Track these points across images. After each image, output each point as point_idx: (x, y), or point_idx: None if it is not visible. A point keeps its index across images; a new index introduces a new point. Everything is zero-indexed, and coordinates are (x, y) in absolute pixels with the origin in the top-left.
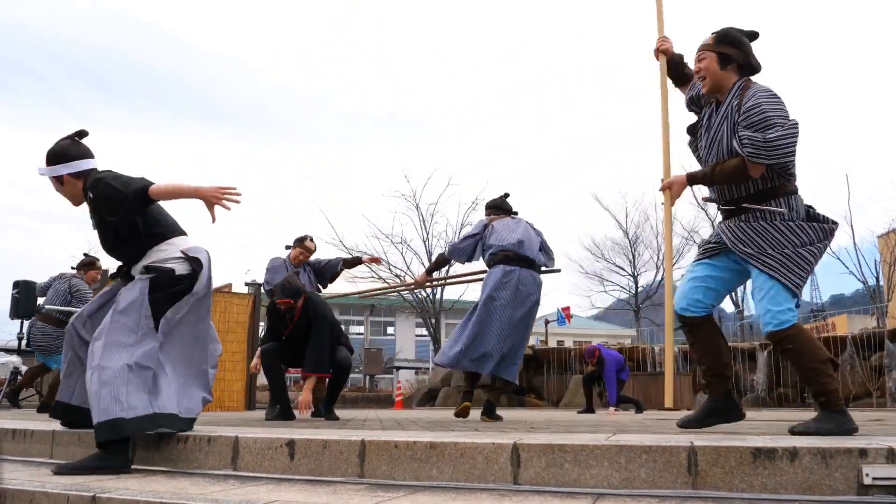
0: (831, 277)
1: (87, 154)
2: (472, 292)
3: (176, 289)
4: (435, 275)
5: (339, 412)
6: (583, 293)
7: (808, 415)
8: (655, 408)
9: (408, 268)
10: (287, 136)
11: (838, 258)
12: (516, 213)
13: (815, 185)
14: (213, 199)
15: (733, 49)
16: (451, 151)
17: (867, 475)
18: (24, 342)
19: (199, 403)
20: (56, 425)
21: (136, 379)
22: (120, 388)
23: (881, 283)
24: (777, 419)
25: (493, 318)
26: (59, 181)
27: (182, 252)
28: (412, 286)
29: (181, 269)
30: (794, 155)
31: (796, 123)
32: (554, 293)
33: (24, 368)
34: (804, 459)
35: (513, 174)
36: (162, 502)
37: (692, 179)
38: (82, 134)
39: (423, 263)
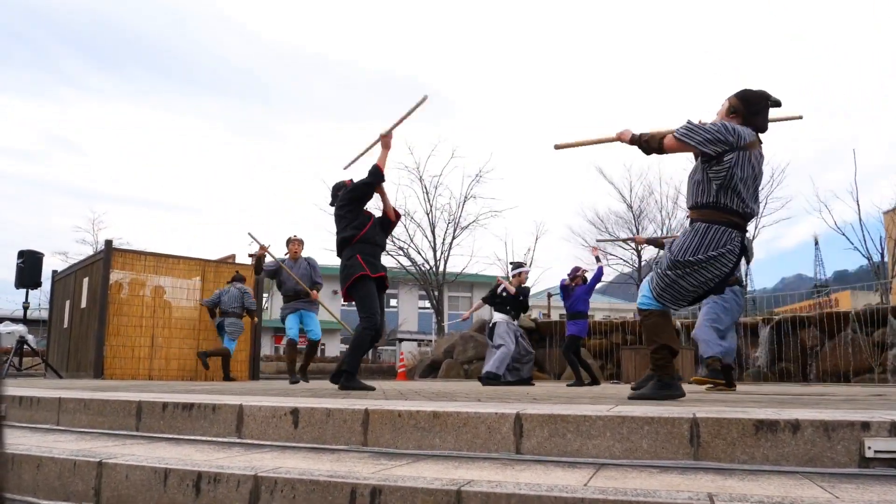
0: (835, 253)
1: None
2: (475, 265)
3: None
4: None
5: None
6: (586, 266)
7: (809, 389)
8: None
9: (411, 240)
10: (286, 105)
11: (843, 234)
12: None
13: (822, 161)
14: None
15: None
16: (454, 123)
17: (869, 448)
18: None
19: None
20: (62, 393)
21: None
22: None
23: (886, 259)
24: (779, 393)
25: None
26: None
27: None
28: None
29: None
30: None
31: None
32: (557, 266)
33: (30, 338)
34: (806, 432)
35: (516, 147)
36: (168, 468)
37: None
38: None
39: (426, 236)
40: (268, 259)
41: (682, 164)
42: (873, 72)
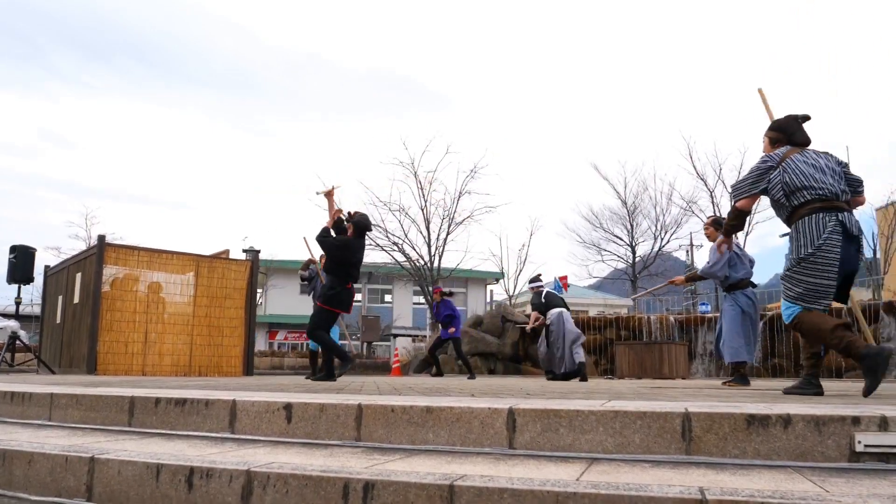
0: None
1: None
2: (469, 261)
3: None
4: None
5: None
6: (580, 262)
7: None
8: (651, 376)
9: (405, 235)
10: (282, 101)
11: None
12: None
13: None
14: None
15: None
16: (450, 119)
17: (859, 442)
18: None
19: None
20: (55, 388)
21: None
22: None
23: (878, 255)
24: (771, 388)
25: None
26: None
27: None
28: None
29: None
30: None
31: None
32: (551, 262)
33: (22, 333)
34: (797, 426)
35: (512, 143)
36: (160, 463)
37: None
38: None
39: (421, 231)
40: (311, 267)
41: (675, 161)
42: (867, 69)
